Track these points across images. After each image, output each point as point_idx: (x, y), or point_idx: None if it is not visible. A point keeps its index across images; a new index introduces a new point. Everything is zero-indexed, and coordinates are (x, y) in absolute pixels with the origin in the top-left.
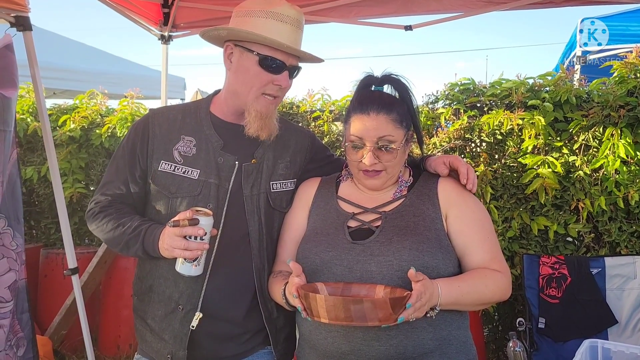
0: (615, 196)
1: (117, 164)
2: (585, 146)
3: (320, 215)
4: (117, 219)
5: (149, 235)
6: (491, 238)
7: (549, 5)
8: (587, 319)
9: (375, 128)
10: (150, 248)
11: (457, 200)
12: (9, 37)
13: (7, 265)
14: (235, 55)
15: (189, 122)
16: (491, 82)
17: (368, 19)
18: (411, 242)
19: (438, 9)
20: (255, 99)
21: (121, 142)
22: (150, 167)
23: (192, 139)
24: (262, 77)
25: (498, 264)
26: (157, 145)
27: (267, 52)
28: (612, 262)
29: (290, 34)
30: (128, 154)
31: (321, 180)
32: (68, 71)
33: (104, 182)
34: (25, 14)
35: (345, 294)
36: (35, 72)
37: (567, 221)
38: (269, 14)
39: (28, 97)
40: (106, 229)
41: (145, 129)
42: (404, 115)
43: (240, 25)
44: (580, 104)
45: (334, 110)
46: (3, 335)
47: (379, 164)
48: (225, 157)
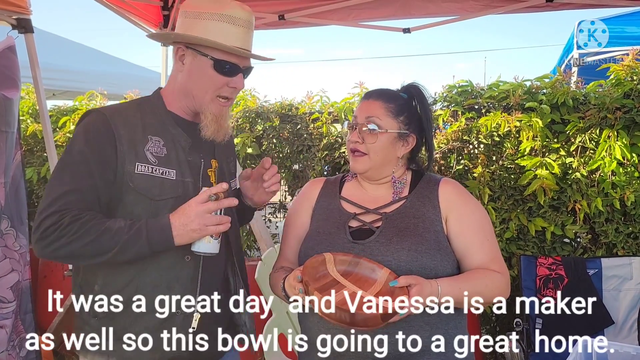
0: (612, 197)
1: (73, 171)
2: (582, 148)
3: (323, 215)
4: (98, 225)
5: (154, 227)
6: (491, 240)
7: (546, 9)
8: (584, 320)
9: (367, 109)
10: (159, 241)
11: (457, 203)
12: (11, 39)
13: (9, 266)
14: (188, 58)
15: (151, 122)
16: (489, 84)
17: (367, 21)
18: (410, 244)
19: (436, 12)
20: (210, 101)
21: (71, 147)
22: (123, 170)
23: (159, 139)
24: (217, 80)
25: (497, 265)
26: (126, 147)
27: (221, 56)
28: (608, 263)
29: (244, 36)
30: (94, 159)
31: (326, 180)
32: (67, 72)
33: (60, 194)
34: (27, 16)
35: (351, 269)
36: (37, 74)
37: (564, 222)
38: (222, 17)
39: (28, 98)
40: (86, 240)
41: (107, 131)
42: (406, 113)
43: (192, 27)
44: (577, 106)
45: (333, 112)
46: (5, 335)
47: (363, 144)
48: (193, 156)
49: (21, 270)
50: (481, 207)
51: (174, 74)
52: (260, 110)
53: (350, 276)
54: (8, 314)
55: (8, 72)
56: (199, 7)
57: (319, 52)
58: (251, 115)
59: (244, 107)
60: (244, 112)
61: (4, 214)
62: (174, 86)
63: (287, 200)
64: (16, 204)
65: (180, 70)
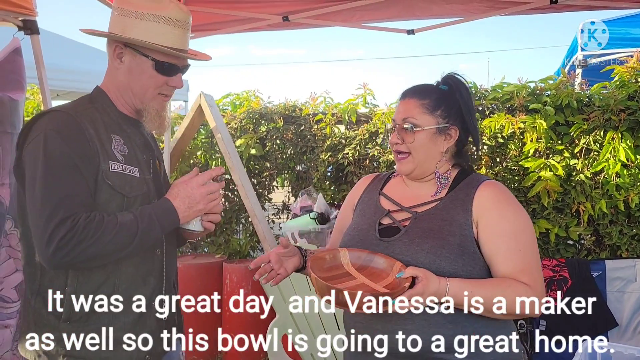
0: (616, 199)
1: (65, 175)
2: (586, 150)
3: (362, 210)
4: (110, 222)
5: (161, 212)
6: (524, 250)
7: (550, 11)
8: (588, 322)
9: (403, 110)
10: (169, 224)
11: (490, 209)
12: (17, 41)
13: (13, 266)
14: (127, 57)
15: (108, 121)
16: (493, 85)
17: (371, 22)
18: (430, 246)
19: (440, 14)
20: (152, 98)
21: (50, 149)
22: (98, 168)
23: (119, 137)
24: (158, 79)
25: (527, 278)
26: (98, 145)
27: (162, 57)
28: (612, 265)
29: (182, 37)
30: (78, 159)
31: (375, 176)
32: (71, 72)
33: (60, 199)
34: (33, 17)
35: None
36: (42, 75)
37: (568, 224)
38: (161, 19)
39: (33, 99)
40: (106, 238)
41: (79, 131)
42: (442, 106)
43: (131, 27)
44: (581, 107)
45: (337, 113)
46: (10, 335)
47: (403, 145)
48: (145, 153)
49: None
50: (521, 216)
51: (112, 71)
52: (264, 111)
53: (364, 270)
54: (12, 314)
55: (14, 75)
56: (137, 6)
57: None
58: (255, 117)
59: (247, 108)
60: (247, 113)
61: (9, 214)
62: (114, 84)
63: (290, 201)
64: None
65: (118, 68)
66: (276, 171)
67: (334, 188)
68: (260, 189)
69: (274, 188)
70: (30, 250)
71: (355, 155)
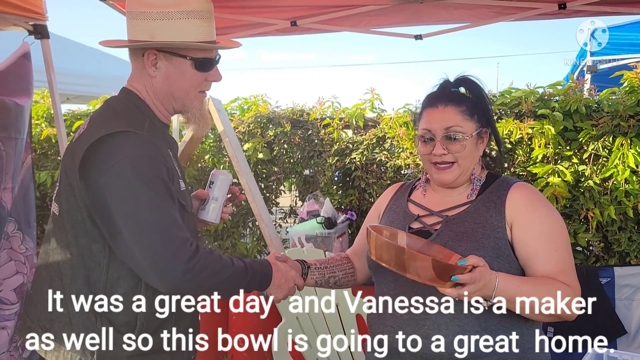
0: (625, 206)
1: (160, 199)
2: (595, 156)
3: (390, 217)
4: (225, 261)
5: (262, 275)
6: (561, 251)
7: (559, 16)
8: (596, 329)
9: (442, 119)
10: (260, 287)
11: (524, 210)
12: (27, 46)
13: (14, 268)
14: (162, 62)
15: (157, 134)
16: (501, 91)
17: (379, 28)
18: (464, 249)
19: (447, 19)
20: (194, 98)
21: (142, 178)
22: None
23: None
24: (198, 77)
25: (566, 278)
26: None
27: (198, 54)
28: (621, 272)
29: (211, 28)
30: (169, 183)
31: (400, 185)
32: (82, 77)
33: (170, 222)
34: (43, 22)
35: (424, 250)
36: (52, 79)
37: (576, 230)
38: (190, 14)
39: (43, 102)
40: (224, 275)
41: (157, 152)
42: (476, 110)
43: (161, 30)
44: (590, 113)
45: (344, 117)
46: (7, 336)
47: (449, 154)
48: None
49: (27, 272)
50: (555, 217)
51: (145, 80)
52: (272, 115)
53: None
54: (10, 316)
55: (22, 79)
56: (161, 6)
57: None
58: (262, 121)
59: (255, 113)
60: (255, 118)
61: (11, 217)
62: (151, 92)
63: (297, 205)
64: (24, 207)
65: (154, 76)
66: (283, 175)
67: (341, 193)
68: (268, 193)
69: (281, 192)
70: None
71: (363, 160)
